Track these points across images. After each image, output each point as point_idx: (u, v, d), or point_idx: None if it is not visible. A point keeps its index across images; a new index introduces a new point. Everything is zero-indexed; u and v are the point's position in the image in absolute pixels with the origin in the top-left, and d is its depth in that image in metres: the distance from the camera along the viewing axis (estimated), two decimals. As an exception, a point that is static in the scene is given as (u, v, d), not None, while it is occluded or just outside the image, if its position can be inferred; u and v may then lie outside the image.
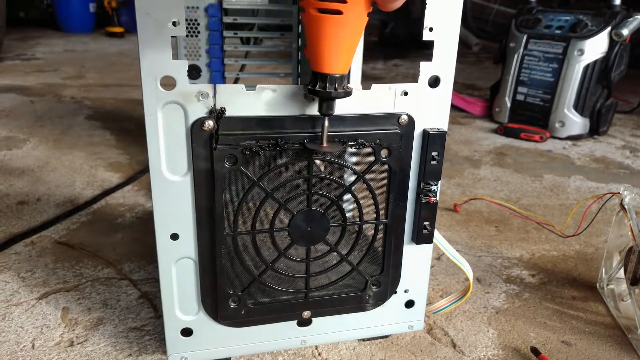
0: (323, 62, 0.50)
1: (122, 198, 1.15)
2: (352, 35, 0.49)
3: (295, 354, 0.69)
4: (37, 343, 0.70)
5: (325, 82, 0.51)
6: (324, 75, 0.51)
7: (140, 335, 0.72)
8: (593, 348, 0.73)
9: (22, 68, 2.64)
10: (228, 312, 0.62)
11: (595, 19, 1.70)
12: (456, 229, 1.08)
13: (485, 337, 0.75)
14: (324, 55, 0.49)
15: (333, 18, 0.47)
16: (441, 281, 0.88)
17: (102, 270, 0.87)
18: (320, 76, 0.51)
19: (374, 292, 0.66)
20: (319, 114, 0.56)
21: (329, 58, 0.50)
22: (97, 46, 3.52)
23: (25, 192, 1.17)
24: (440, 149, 0.60)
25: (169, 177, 0.55)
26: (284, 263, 0.63)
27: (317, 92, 0.51)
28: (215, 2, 1.07)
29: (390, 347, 0.71)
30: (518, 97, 1.85)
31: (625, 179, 1.43)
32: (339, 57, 0.50)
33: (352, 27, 0.48)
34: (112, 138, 1.57)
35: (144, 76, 0.51)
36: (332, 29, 0.48)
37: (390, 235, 0.64)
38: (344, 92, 0.52)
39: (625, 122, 2.02)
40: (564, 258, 0.98)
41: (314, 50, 0.50)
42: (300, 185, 0.59)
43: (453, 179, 1.37)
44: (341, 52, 0.49)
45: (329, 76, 0.50)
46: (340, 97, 0.52)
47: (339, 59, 0.50)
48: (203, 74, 1.13)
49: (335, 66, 0.50)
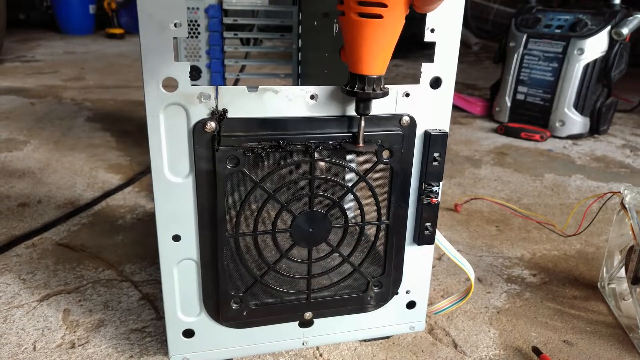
0: (362, 64, 0.51)
1: (123, 200, 1.15)
2: (391, 38, 0.50)
3: (297, 355, 0.69)
4: (39, 345, 0.70)
5: (364, 83, 0.52)
6: (363, 77, 0.52)
7: (141, 336, 0.72)
8: (594, 347, 0.73)
9: (22, 70, 2.64)
10: (230, 313, 0.62)
11: (595, 18, 1.70)
12: (457, 229, 1.08)
13: (486, 337, 0.75)
14: (363, 58, 0.51)
15: (374, 22, 0.48)
16: (442, 281, 0.88)
17: (103, 272, 0.87)
18: (359, 77, 0.52)
19: (376, 293, 0.66)
20: (319, 115, 0.56)
21: (368, 60, 0.51)
22: (97, 48, 3.52)
23: (26, 194, 1.17)
24: (442, 150, 0.60)
25: (171, 178, 0.55)
26: (285, 264, 0.63)
27: (355, 93, 0.53)
28: (215, 3, 1.08)
29: (392, 348, 0.71)
30: (518, 97, 1.86)
31: (626, 178, 1.43)
32: (377, 59, 0.51)
33: (392, 30, 0.50)
34: (112, 140, 1.57)
35: (145, 78, 0.51)
36: (373, 32, 0.49)
37: (391, 236, 0.64)
38: (382, 92, 0.53)
39: (626, 121, 2.02)
40: (565, 257, 0.98)
41: (354, 53, 0.51)
42: (302, 186, 0.59)
43: (454, 179, 1.37)
44: (380, 54, 0.51)
45: (368, 77, 0.52)
46: (378, 98, 0.53)
47: (377, 60, 0.51)
48: (203, 75, 1.14)
49: (373, 68, 0.51)
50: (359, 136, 0.56)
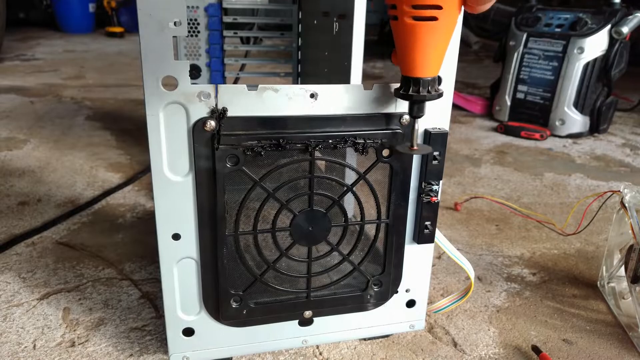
0: (416, 67, 0.51)
1: (123, 198, 1.15)
2: (445, 40, 0.50)
3: (297, 353, 0.69)
4: (39, 343, 0.70)
5: (418, 86, 0.52)
6: (417, 80, 0.51)
7: (141, 335, 0.72)
8: (594, 346, 0.73)
9: (22, 69, 2.64)
10: (230, 311, 0.62)
11: (595, 17, 1.70)
12: (457, 228, 1.08)
13: (486, 336, 0.75)
14: (417, 60, 0.50)
15: (429, 24, 0.48)
16: (442, 280, 0.88)
17: (103, 270, 0.87)
18: (413, 80, 0.52)
19: (375, 291, 0.66)
20: (320, 114, 0.56)
21: (422, 63, 0.50)
22: (97, 46, 3.52)
23: (25, 192, 1.17)
24: (442, 149, 0.60)
25: (171, 177, 0.55)
26: (285, 263, 0.63)
27: (410, 96, 0.52)
28: (215, 2, 1.08)
29: (392, 346, 0.71)
30: (518, 96, 1.86)
31: (626, 177, 1.43)
32: (431, 61, 0.51)
33: (446, 31, 0.49)
34: (112, 138, 1.57)
35: (145, 76, 0.51)
36: (427, 35, 0.48)
37: (391, 234, 0.64)
38: (436, 94, 0.53)
39: (626, 120, 2.02)
40: (565, 256, 0.98)
41: (407, 56, 0.51)
42: (301, 185, 0.59)
43: (453, 178, 1.37)
44: (434, 56, 0.50)
45: (422, 80, 0.51)
46: (432, 100, 0.53)
47: (431, 63, 0.51)
48: (203, 74, 1.14)
49: (427, 70, 0.51)
50: (413, 139, 0.55)
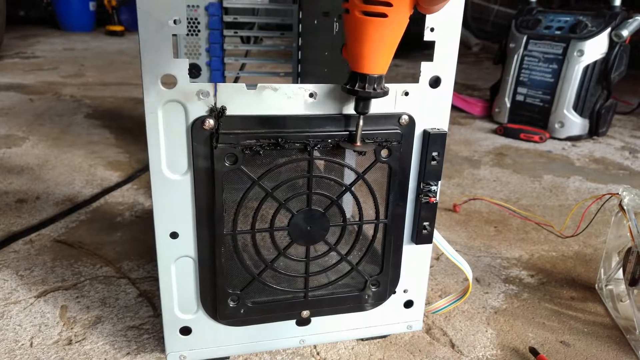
0: (363, 63, 0.51)
1: (122, 197, 1.15)
2: (395, 37, 0.50)
3: (294, 353, 0.69)
4: (36, 341, 0.69)
5: (364, 82, 0.52)
6: (364, 76, 0.52)
7: (138, 333, 0.72)
8: (591, 348, 0.73)
9: (22, 66, 2.63)
10: (227, 311, 0.62)
11: (595, 20, 1.70)
12: (455, 229, 1.08)
13: (483, 337, 0.75)
14: (365, 56, 0.51)
15: (378, 21, 0.48)
16: (440, 281, 0.88)
17: (100, 268, 0.87)
18: (360, 76, 0.52)
19: (373, 291, 0.66)
20: (318, 114, 0.56)
21: (370, 59, 0.51)
22: (96, 45, 3.51)
23: (24, 190, 1.16)
24: (441, 149, 0.60)
25: (169, 175, 0.55)
26: (283, 262, 0.63)
27: (356, 91, 0.52)
28: (215, 1, 1.07)
29: (389, 347, 0.71)
30: (518, 98, 1.86)
31: (625, 180, 1.43)
32: (379, 58, 0.51)
33: (396, 29, 0.49)
34: (111, 137, 1.57)
35: (144, 74, 0.51)
36: (376, 31, 0.49)
37: (389, 235, 0.64)
38: (382, 91, 0.53)
39: (625, 123, 2.02)
40: (563, 258, 0.98)
41: (355, 51, 0.51)
42: (300, 184, 0.59)
43: (452, 179, 1.37)
44: (382, 53, 0.50)
45: (369, 76, 0.51)
46: (378, 97, 0.53)
47: (379, 59, 0.51)
48: (203, 73, 1.13)
49: (375, 67, 0.51)
50: (356, 135, 0.56)
